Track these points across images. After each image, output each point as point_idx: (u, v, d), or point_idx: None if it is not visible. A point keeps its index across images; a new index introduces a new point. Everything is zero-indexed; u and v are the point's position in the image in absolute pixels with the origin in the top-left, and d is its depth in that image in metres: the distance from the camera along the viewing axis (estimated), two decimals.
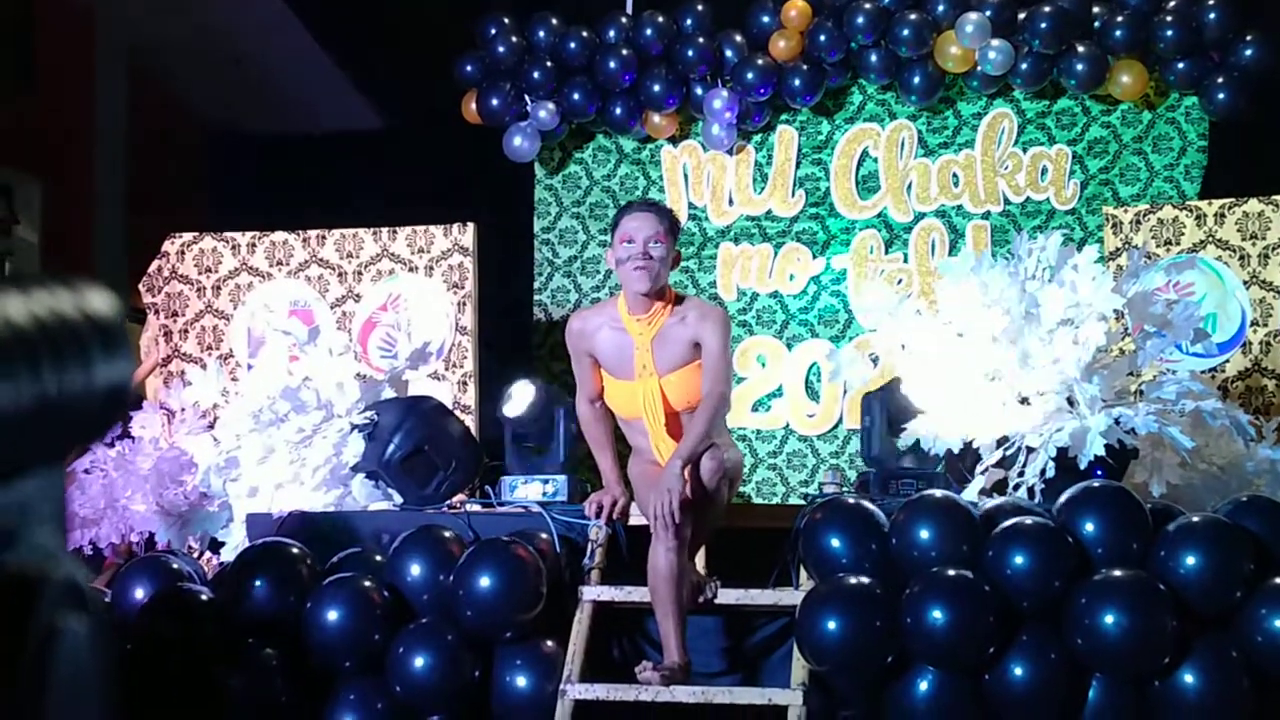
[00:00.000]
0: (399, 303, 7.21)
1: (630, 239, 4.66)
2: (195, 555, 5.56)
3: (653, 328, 4.67)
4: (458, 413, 6.30)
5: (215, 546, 5.58)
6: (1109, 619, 4.27)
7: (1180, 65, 7.49)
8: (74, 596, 1.22)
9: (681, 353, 4.67)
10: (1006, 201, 7.82)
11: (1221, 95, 7.45)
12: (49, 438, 1.17)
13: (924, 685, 4.40)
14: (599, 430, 4.90)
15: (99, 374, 1.17)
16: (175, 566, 5.08)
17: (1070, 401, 4.76)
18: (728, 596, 4.78)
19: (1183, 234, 6.83)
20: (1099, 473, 4.72)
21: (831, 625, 4.36)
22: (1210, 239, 6.77)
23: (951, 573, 4.38)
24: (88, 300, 1.18)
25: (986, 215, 7.82)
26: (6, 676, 1.18)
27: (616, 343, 4.74)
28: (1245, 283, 6.70)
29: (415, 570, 4.78)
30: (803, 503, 4.96)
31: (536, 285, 8.24)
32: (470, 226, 7.24)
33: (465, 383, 7.11)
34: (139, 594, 4.94)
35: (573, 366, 4.93)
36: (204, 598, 4.83)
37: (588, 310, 4.99)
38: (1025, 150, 7.83)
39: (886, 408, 5.18)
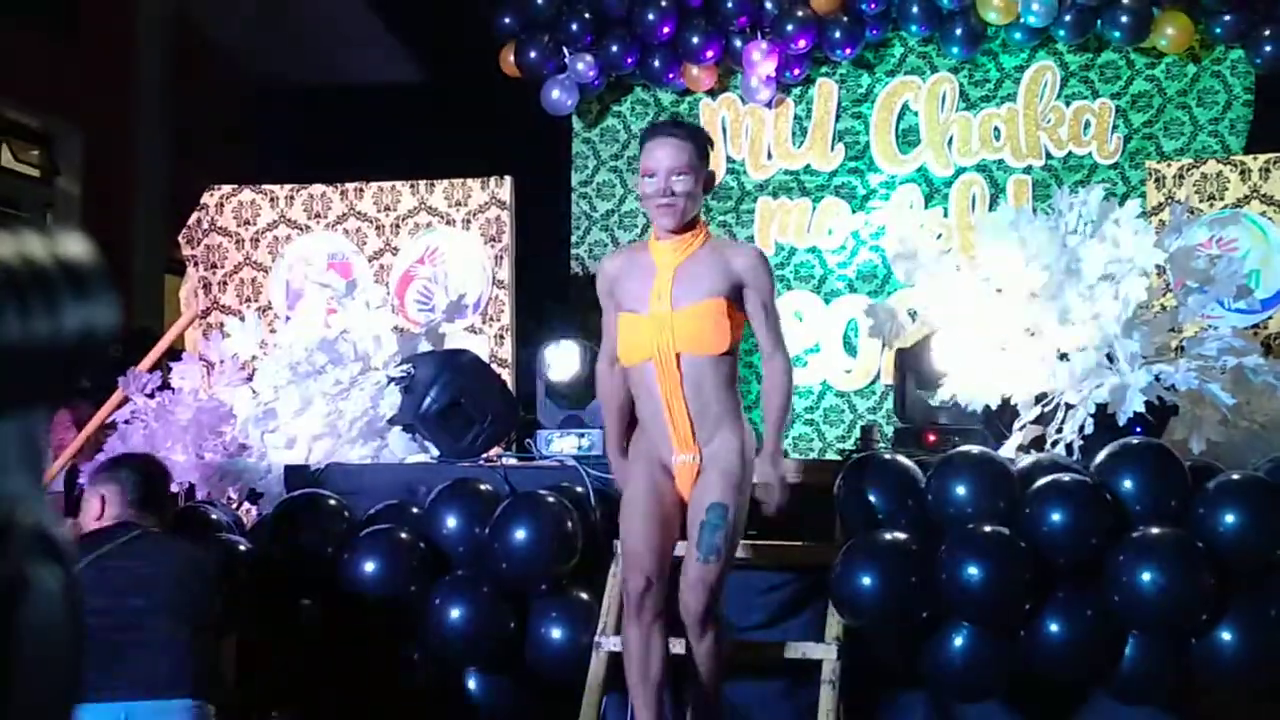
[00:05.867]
0: (436, 256, 7.21)
1: (652, 172, 4.17)
2: (234, 506, 5.59)
3: (679, 255, 4.19)
4: (494, 366, 6.31)
5: (253, 498, 5.60)
6: (1146, 576, 4.24)
7: (1226, 17, 7.39)
8: (46, 547, 1.16)
9: (706, 285, 4.14)
10: (1048, 156, 7.75)
11: (1268, 48, 7.35)
12: (14, 382, 1.12)
13: (959, 641, 4.39)
14: (610, 390, 4.43)
15: (68, 319, 1.13)
16: (214, 517, 5.12)
17: (1110, 358, 4.72)
18: (764, 551, 4.77)
19: (1226, 189, 6.74)
20: (1138, 430, 4.68)
21: (867, 581, 4.35)
22: (1255, 194, 6.69)
23: (988, 529, 4.36)
24: (60, 244, 1.14)
25: (1028, 170, 7.76)
26: None
27: (642, 267, 4.25)
28: None
29: (451, 522, 4.79)
30: (839, 458, 4.92)
31: (574, 239, 8.23)
32: (507, 180, 7.22)
33: (502, 336, 7.11)
34: None
35: (603, 318, 4.64)
36: (242, 548, 4.87)
37: (622, 250, 4.81)
38: (1068, 104, 7.75)
39: (917, 366, 5.15)
